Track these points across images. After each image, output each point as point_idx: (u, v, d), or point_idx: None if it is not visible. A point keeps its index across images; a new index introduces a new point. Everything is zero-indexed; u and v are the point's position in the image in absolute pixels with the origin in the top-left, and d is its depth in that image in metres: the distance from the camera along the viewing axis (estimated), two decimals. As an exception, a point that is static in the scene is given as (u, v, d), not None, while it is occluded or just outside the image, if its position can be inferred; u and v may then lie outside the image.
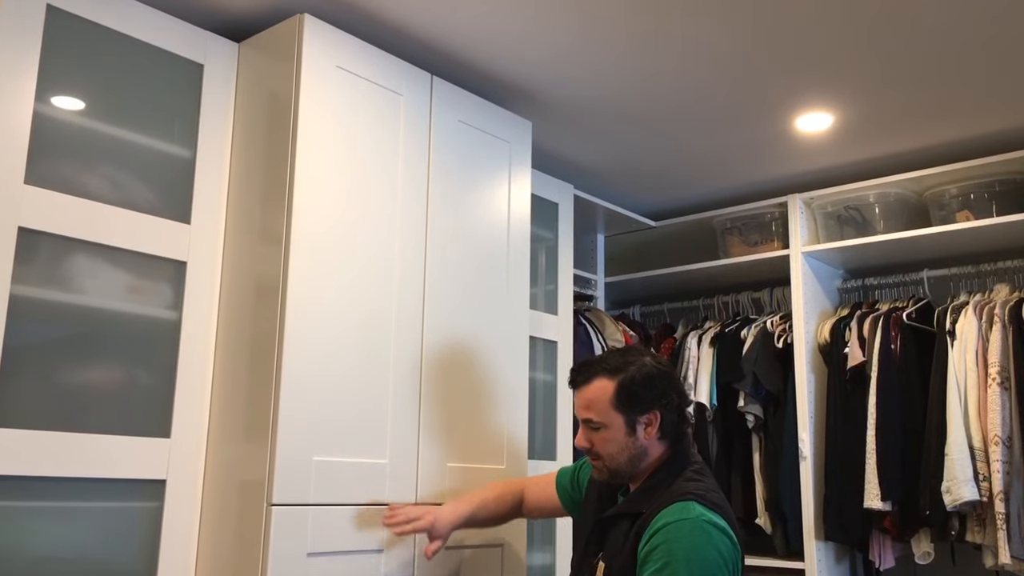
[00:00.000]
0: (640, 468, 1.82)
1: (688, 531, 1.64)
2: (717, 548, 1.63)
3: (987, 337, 2.58)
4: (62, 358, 1.81)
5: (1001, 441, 2.44)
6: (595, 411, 1.81)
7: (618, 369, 1.81)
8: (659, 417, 1.80)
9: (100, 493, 1.83)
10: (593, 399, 1.82)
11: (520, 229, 2.49)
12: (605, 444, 1.81)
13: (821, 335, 2.97)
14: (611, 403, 1.80)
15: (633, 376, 1.80)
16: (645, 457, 1.81)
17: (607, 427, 1.80)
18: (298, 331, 1.92)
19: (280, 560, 1.81)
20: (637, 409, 1.79)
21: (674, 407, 1.82)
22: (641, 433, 1.80)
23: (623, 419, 1.79)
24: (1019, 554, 2.36)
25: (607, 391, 1.80)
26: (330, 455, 1.94)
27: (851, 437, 2.78)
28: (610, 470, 1.83)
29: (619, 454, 1.81)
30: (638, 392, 1.79)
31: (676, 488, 1.74)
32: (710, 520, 1.66)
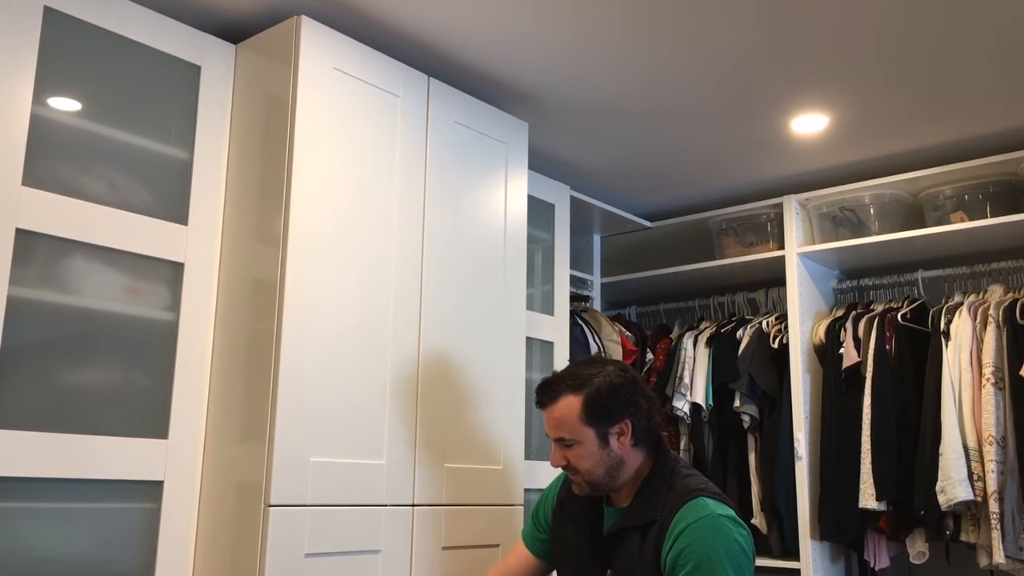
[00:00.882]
0: (622, 477, 1.81)
1: (711, 527, 1.67)
2: (738, 539, 1.68)
3: (981, 338, 2.59)
4: (59, 359, 1.81)
5: (995, 441, 2.45)
6: (566, 429, 1.79)
7: (583, 384, 1.79)
8: (630, 426, 1.79)
9: (97, 494, 1.83)
10: (562, 417, 1.79)
11: (517, 230, 2.49)
12: (581, 460, 1.79)
13: (816, 335, 2.98)
14: (580, 419, 1.78)
15: (599, 388, 1.78)
16: (622, 466, 1.80)
17: (580, 443, 1.78)
18: (296, 332, 1.92)
19: (278, 561, 1.82)
20: (607, 421, 1.78)
21: (643, 413, 1.81)
22: (615, 444, 1.79)
23: (594, 432, 1.78)
24: (1013, 554, 2.38)
25: (574, 407, 1.78)
26: (327, 456, 1.94)
27: (846, 437, 2.79)
28: (589, 484, 1.82)
29: (596, 467, 1.79)
30: (605, 404, 1.78)
31: (678, 488, 1.75)
32: (724, 513, 1.70)
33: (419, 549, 2.09)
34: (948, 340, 2.64)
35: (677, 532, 1.68)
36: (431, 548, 2.12)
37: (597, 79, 2.42)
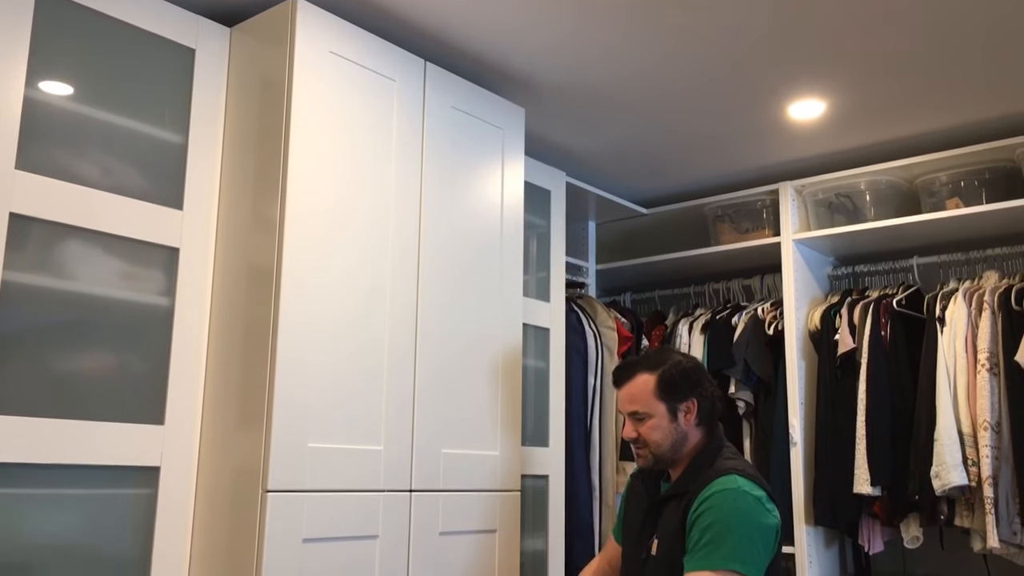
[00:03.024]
0: (681, 453, 1.98)
1: (732, 498, 1.83)
2: (758, 514, 1.82)
3: (976, 324, 2.60)
4: (54, 345, 1.80)
5: (990, 427, 2.46)
6: (640, 403, 1.99)
7: (657, 364, 2.01)
8: (696, 404, 1.98)
9: (94, 480, 1.82)
10: (637, 392, 2.00)
11: (513, 216, 2.48)
12: (651, 432, 1.97)
13: (811, 322, 2.99)
14: (654, 394, 1.98)
15: (671, 368, 2.00)
16: (686, 442, 1.98)
17: (652, 416, 1.98)
18: (292, 317, 1.91)
19: (276, 546, 1.81)
20: (677, 397, 1.98)
21: (708, 396, 2.01)
22: (682, 419, 1.98)
23: (665, 407, 1.97)
24: (1007, 538, 2.39)
25: (649, 383, 1.99)
26: (325, 442, 1.94)
27: (841, 423, 2.79)
28: (655, 456, 1.99)
29: (663, 440, 1.97)
30: (677, 382, 1.98)
31: (718, 466, 1.91)
32: (751, 491, 1.84)
33: (417, 534, 2.09)
34: (943, 326, 2.65)
35: (702, 499, 1.85)
36: (429, 533, 2.12)
37: (594, 65, 2.41)
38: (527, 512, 2.58)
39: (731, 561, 1.76)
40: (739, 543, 1.78)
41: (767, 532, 1.82)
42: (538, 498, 2.66)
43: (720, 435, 2.02)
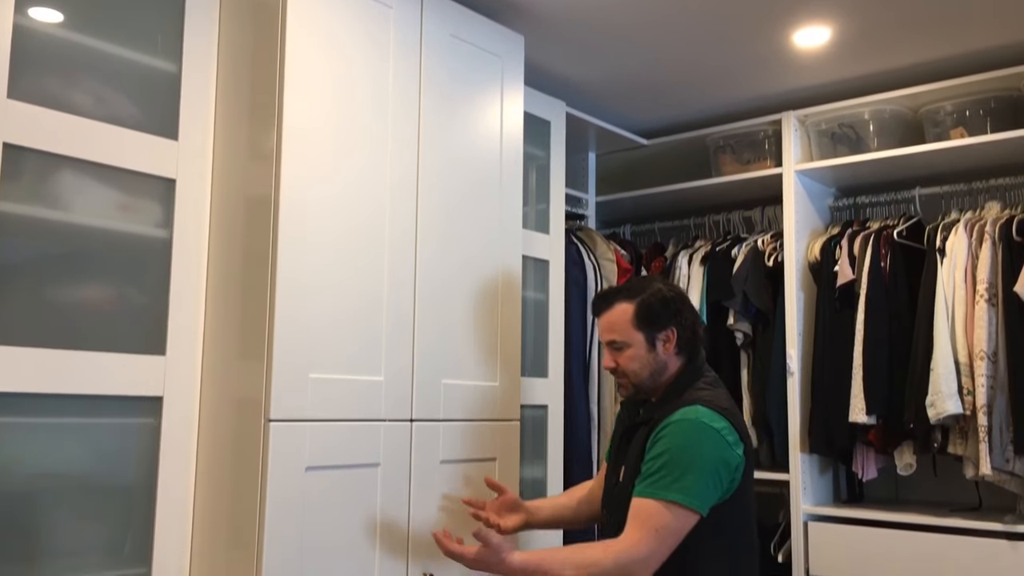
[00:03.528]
0: (660, 382, 1.96)
1: (688, 429, 1.81)
2: (713, 446, 1.79)
3: (976, 254, 2.59)
4: (54, 276, 1.80)
5: (986, 356, 2.48)
6: (618, 332, 1.96)
7: (636, 293, 1.97)
8: (676, 334, 1.95)
9: (98, 409, 1.84)
10: (615, 321, 1.97)
11: (513, 146, 2.46)
12: (629, 362, 1.95)
13: (811, 253, 2.98)
14: (631, 323, 1.95)
15: (650, 297, 1.96)
16: (665, 371, 1.96)
17: (630, 345, 1.95)
18: (291, 249, 1.90)
19: (279, 474, 1.84)
20: (655, 326, 1.94)
21: (688, 324, 1.97)
22: (660, 349, 1.95)
23: (643, 336, 1.94)
24: (999, 465, 2.43)
25: (628, 312, 1.95)
26: (326, 372, 1.95)
27: (838, 354, 2.81)
28: (635, 386, 1.98)
29: (642, 370, 1.95)
30: (655, 311, 1.94)
31: (687, 397, 1.89)
32: (710, 422, 1.81)
33: (418, 463, 2.12)
34: (943, 257, 2.64)
35: (661, 427, 1.84)
36: (430, 462, 2.15)
37: (595, -11, 2.36)
38: (526, 441, 2.61)
39: (675, 492, 1.74)
40: (686, 474, 1.75)
41: (720, 465, 1.79)
42: (537, 427, 2.69)
43: (700, 364, 1.99)
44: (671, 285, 2.04)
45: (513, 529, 2.07)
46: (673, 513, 1.74)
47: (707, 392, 1.90)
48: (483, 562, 1.80)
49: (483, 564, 1.81)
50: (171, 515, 1.92)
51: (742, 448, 1.83)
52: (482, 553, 1.79)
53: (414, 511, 2.10)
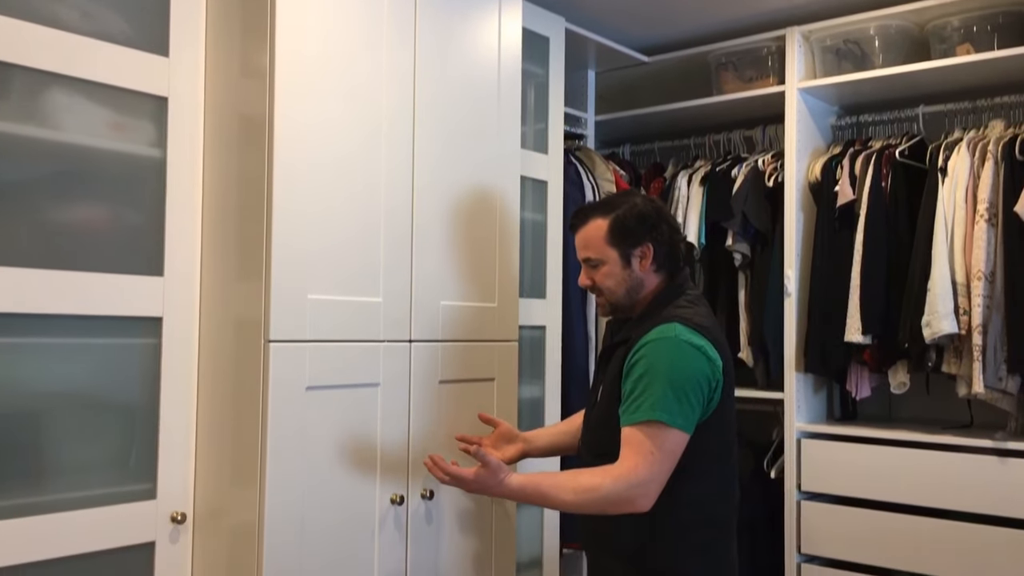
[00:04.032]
0: (637, 300, 1.92)
1: (666, 348, 1.77)
2: (692, 364, 1.76)
3: (978, 174, 2.57)
4: (49, 196, 1.78)
5: (984, 276, 2.48)
6: (592, 249, 1.92)
7: (611, 208, 1.92)
8: (652, 249, 1.90)
9: (98, 330, 1.85)
10: (590, 237, 1.92)
11: (511, 64, 2.41)
12: (604, 279, 1.92)
13: (812, 173, 2.96)
14: (606, 239, 1.90)
15: (625, 213, 1.90)
16: (642, 288, 1.92)
17: (604, 263, 1.91)
18: (287, 167, 1.88)
19: (280, 394, 1.86)
20: (630, 242, 1.89)
21: (665, 240, 1.91)
22: (636, 265, 1.90)
23: (618, 253, 1.90)
24: (993, 384, 2.46)
25: (601, 228, 1.90)
26: (325, 293, 1.95)
27: (836, 274, 2.82)
28: (612, 304, 1.95)
29: (617, 287, 1.91)
30: (630, 227, 1.89)
31: (665, 314, 1.84)
32: (688, 340, 1.77)
33: (417, 383, 2.14)
34: (944, 177, 2.62)
35: (639, 346, 1.80)
36: (429, 382, 2.18)
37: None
38: (524, 361, 2.63)
39: (657, 411, 1.72)
40: (667, 393, 1.72)
41: (701, 382, 1.76)
42: (535, 348, 2.71)
43: (681, 281, 1.93)
44: (649, 199, 1.97)
45: (511, 459, 2.07)
46: (663, 435, 1.72)
47: (686, 310, 1.84)
48: (482, 484, 1.78)
49: (482, 486, 1.79)
50: (174, 433, 1.95)
51: (721, 365, 1.81)
52: (481, 475, 1.77)
53: (414, 430, 2.13)
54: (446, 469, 1.80)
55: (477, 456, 1.78)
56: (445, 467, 1.80)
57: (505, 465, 1.81)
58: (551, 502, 1.80)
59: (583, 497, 1.74)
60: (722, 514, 1.87)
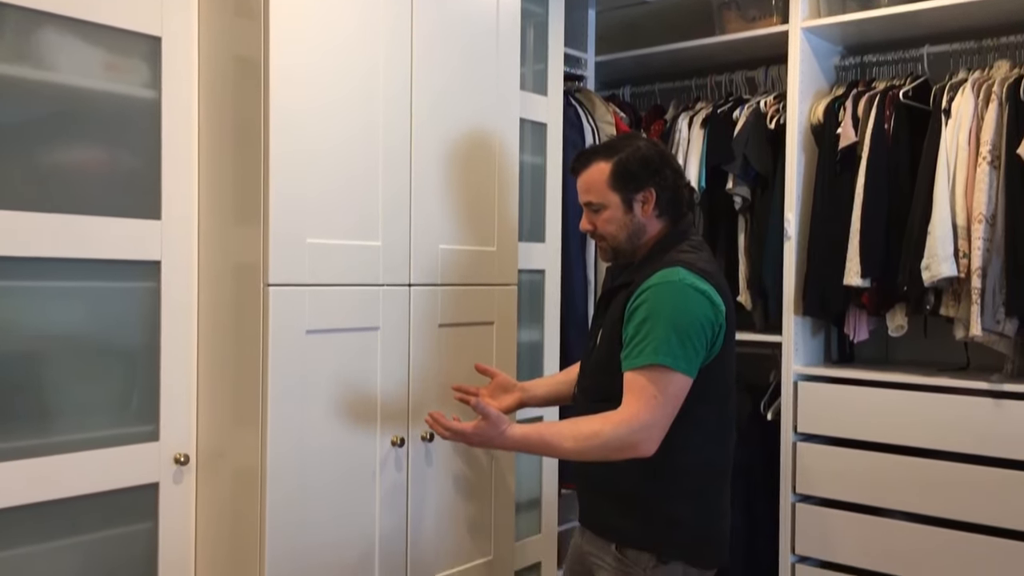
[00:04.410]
0: (639, 245, 1.90)
1: (669, 292, 1.75)
2: (696, 308, 1.75)
3: (982, 116, 2.54)
4: (43, 138, 1.76)
5: (984, 219, 2.47)
6: (594, 193, 1.90)
7: (614, 152, 1.88)
8: (654, 194, 1.87)
9: (96, 273, 1.85)
10: (591, 181, 1.90)
11: (510, 2, 2.36)
12: (606, 224, 1.90)
13: (814, 115, 2.92)
14: (607, 183, 1.87)
15: (628, 156, 1.87)
16: (644, 234, 1.90)
17: (606, 207, 1.89)
18: (283, 110, 1.86)
19: (280, 337, 1.87)
20: (632, 187, 1.87)
21: (668, 185, 1.89)
22: (638, 210, 1.88)
23: (619, 198, 1.88)
24: (990, 327, 2.46)
25: (604, 172, 1.88)
26: (323, 237, 1.94)
27: (836, 217, 2.80)
28: (613, 249, 1.93)
29: (619, 232, 1.90)
30: (632, 171, 1.86)
31: (668, 258, 1.82)
32: (692, 284, 1.76)
33: (416, 326, 2.15)
34: (948, 118, 2.60)
35: (641, 291, 1.79)
36: (428, 325, 2.18)
37: None
38: (523, 305, 2.64)
39: (660, 355, 1.71)
40: (670, 337, 1.71)
41: (705, 326, 1.75)
42: (534, 292, 2.72)
43: (684, 227, 1.91)
44: (653, 143, 1.93)
45: (509, 409, 2.07)
46: (666, 379, 1.71)
47: (689, 255, 1.83)
48: (483, 437, 1.77)
49: (483, 439, 1.78)
50: (175, 376, 1.96)
51: (724, 310, 1.80)
52: (481, 427, 1.76)
53: (414, 374, 2.15)
54: (447, 425, 1.79)
55: (477, 408, 1.77)
56: (446, 423, 1.80)
57: (505, 416, 1.80)
58: (553, 451, 1.80)
59: (584, 444, 1.73)
60: (718, 459, 1.88)
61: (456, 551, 2.27)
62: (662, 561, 1.82)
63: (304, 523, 1.92)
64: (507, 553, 2.42)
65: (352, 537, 2.02)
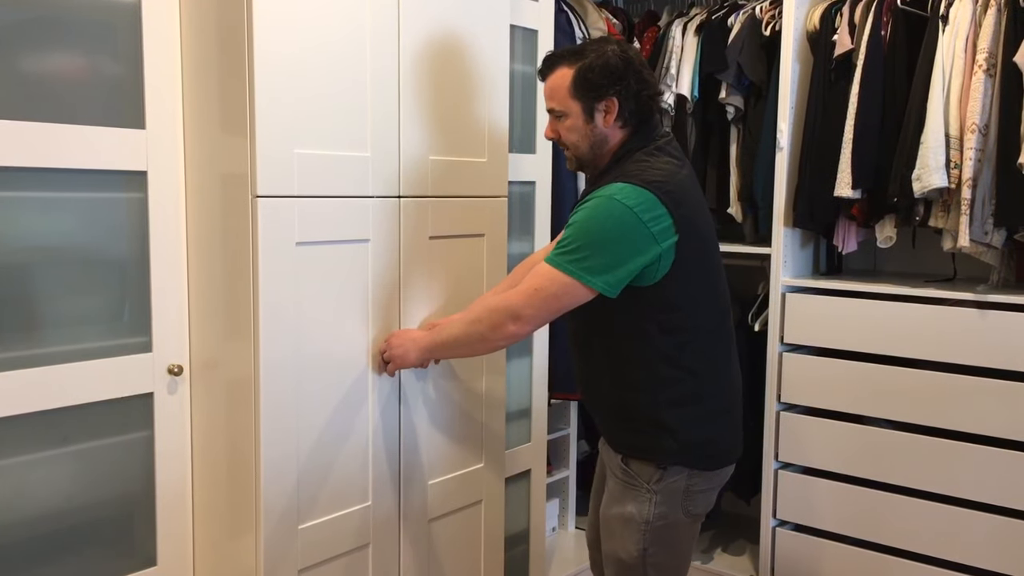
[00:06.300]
0: (602, 154, 1.88)
1: (604, 207, 1.74)
2: (616, 223, 1.72)
3: (980, 22, 2.49)
4: (20, 44, 1.71)
5: (978, 129, 2.45)
6: (556, 100, 1.86)
7: (578, 58, 1.83)
8: (616, 104, 1.83)
9: (81, 183, 1.82)
10: (554, 88, 1.86)
11: (499, -98, 2.28)
12: (568, 133, 1.87)
13: (811, 22, 2.86)
14: (569, 91, 1.83)
15: (591, 64, 1.81)
16: (606, 144, 1.87)
17: (567, 115, 1.86)
18: (268, 13, 1.81)
19: (270, 248, 1.86)
20: (592, 96, 1.82)
21: (632, 94, 1.83)
22: (600, 120, 1.84)
23: (580, 106, 1.84)
24: (978, 237, 2.47)
25: (566, 79, 1.84)
26: (312, 148, 1.92)
27: (830, 128, 2.78)
28: (577, 159, 1.92)
29: (581, 142, 1.87)
30: (594, 80, 1.81)
31: (620, 172, 1.80)
32: (623, 200, 1.73)
33: (407, 238, 2.14)
34: (945, 25, 2.55)
35: (580, 205, 1.80)
36: (419, 237, 2.17)
37: None
38: (514, 217, 2.63)
39: (560, 260, 1.75)
40: (579, 247, 1.73)
41: (631, 241, 1.71)
42: (525, 203, 2.70)
43: (648, 136, 1.85)
44: (623, 48, 1.85)
45: None
46: (556, 280, 1.76)
47: (640, 165, 1.79)
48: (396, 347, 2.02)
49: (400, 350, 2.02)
50: (166, 287, 1.96)
51: (671, 222, 1.74)
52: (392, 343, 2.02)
53: (404, 286, 2.15)
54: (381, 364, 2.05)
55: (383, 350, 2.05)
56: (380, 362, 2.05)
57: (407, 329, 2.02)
58: (448, 340, 1.93)
59: (469, 327, 1.88)
60: (699, 366, 1.87)
61: (448, 459, 2.32)
62: (660, 467, 1.86)
63: (298, 433, 1.95)
64: (498, 461, 2.48)
65: (346, 446, 2.06)
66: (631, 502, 1.89)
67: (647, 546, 1.87)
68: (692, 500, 1.89)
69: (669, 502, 1.87)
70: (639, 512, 1.87)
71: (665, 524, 1.87)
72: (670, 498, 1.87)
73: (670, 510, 1.87)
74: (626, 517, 1.89)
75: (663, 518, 1.87)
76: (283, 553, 1.93)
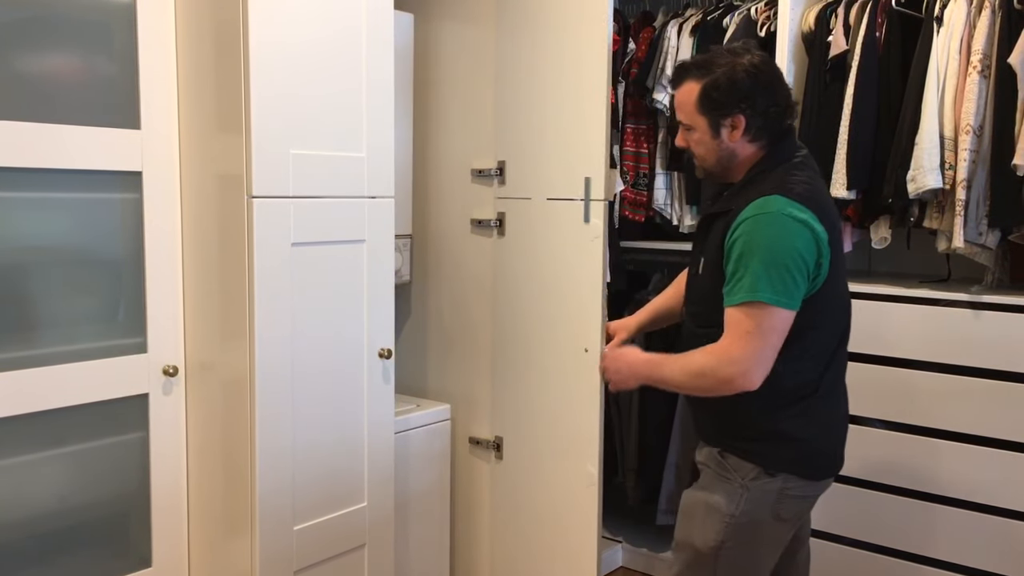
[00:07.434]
0: (734, 168, 1.86)
1: (765, 223, 1.71)
2: (793, 239, 1.70)
3: (975, 23, 2.50)
4: (14, 45, 1.71)
5: (972, 130, 2.45)
6: (684, 113, 1.86)
7: (706, 72, 1.81)
8: (743, 120, 1.80)
9: (76, 184, 1.82)
10: (681, 101, 1.86)
11: (495, -98, 2.28)
12: (696, 145, 1.87)
13: (806, 22, 2.86)
14: (695, 106, 1.83)
15: (717, 79, 1.79)
16: (735, 158, 1.85)
17: (695, 129, 1.85)
18: (263, 11, 1.81)
19: (265, 249, 1.86)
20: (719, 112, 1.81)
21: (761, 110, 1.80)
22: (726, 136, 1.82)
23: (707, 121, 1.83)
24: (973, 238, 2.48)
25: (693, 94, 1.82)
26: (307, 149, 1.92)
27: (824, 129, 2.78)
28: (704, 169, 1.91)
29: (708, 155, 1.86)
30: (720, 97, 1.79)
31: (766, 185, 1.77)
32: (789, 214, 1.70)
33: (403, 238, 2.14)
34: (940, 26, 2.55)
35: (737, 223, 1.74)
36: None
37: None
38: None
39: (755, 292, 1.69)
40: (768, 272, 1.68)
41: (805, 256, 1.70)
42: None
43: (784, 150, 1.83)
44: (754, 61, 1.80)
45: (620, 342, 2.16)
46: (762, 314, 1.69)
47: (788, 178, 1.77)
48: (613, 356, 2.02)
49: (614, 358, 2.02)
50: (162, 288, 1.96)
51: (827, 237, 1.74)
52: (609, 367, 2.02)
53: (401, 285, 2.15)
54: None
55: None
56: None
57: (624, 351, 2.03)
58: (669, 382, 1.87)
59: (692, 380, 1.80)
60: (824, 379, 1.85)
61: (444, 459, 2.32)
62: (768, 473, 1.82)
63: (294, 433, 1.95)
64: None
65: (341, 447, 2.06)
66: (720, 492, 1.84)
67: (726, 539, 1.82)
68: (784, 503, 1.84)
69: (760, 500, 1.82)
70: (727, 503, 1.83)
71: (751, 521, 1.82)
72: (762, 497, 1.82)
73: (759, 508, 1.83)
74: (712, 505, 1.84)
75: (749, 515, 1.82)
76: (278, 554, 1.93)
